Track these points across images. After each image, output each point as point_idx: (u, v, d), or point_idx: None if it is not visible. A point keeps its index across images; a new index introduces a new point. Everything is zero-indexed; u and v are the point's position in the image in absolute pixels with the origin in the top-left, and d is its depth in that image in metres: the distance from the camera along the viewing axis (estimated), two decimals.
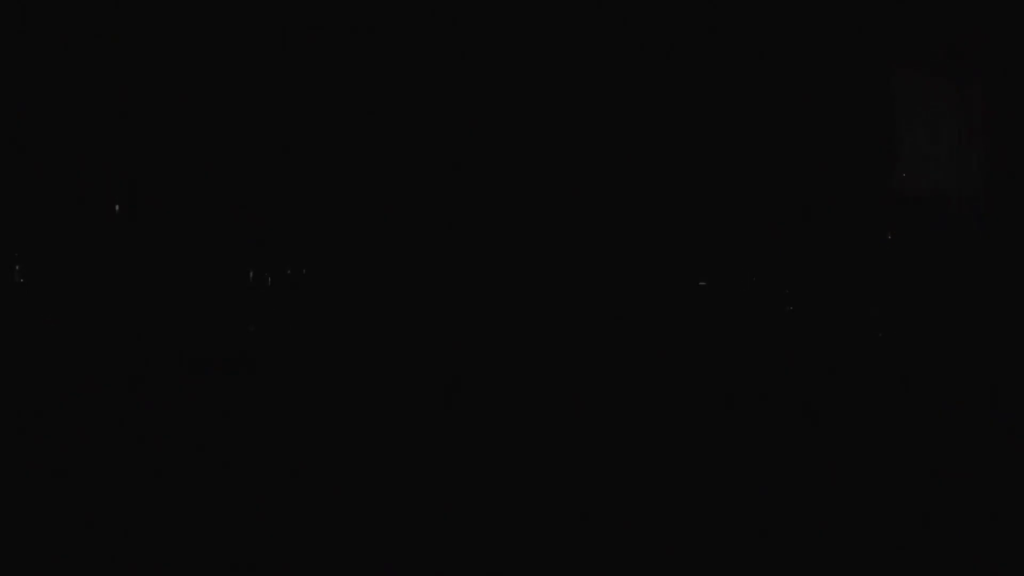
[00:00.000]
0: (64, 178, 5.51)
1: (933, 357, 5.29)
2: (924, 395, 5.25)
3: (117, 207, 5.67)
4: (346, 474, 4.56)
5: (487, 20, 9.06)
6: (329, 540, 3.21)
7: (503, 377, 8.35)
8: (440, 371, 8.61)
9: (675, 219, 8.95)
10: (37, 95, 5.38)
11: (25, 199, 5.17)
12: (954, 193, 5.56)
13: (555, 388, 8.15)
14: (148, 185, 6.13)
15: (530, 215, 10.58)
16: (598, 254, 10.12)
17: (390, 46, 8.83)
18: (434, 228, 10.40)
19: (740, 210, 7.37)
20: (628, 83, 9.21)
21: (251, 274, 7.17)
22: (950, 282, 5.42)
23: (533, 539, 3.29)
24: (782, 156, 6.72)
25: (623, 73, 9.17)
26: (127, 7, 5.95)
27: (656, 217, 9.37)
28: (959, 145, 5.57)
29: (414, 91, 9.39)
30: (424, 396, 7.54)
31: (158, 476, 4.28)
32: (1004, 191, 5.39)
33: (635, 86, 9.14)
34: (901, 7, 5.58)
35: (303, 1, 7.78)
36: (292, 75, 8.03)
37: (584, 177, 10.21)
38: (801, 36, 6.36)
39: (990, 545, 3.08)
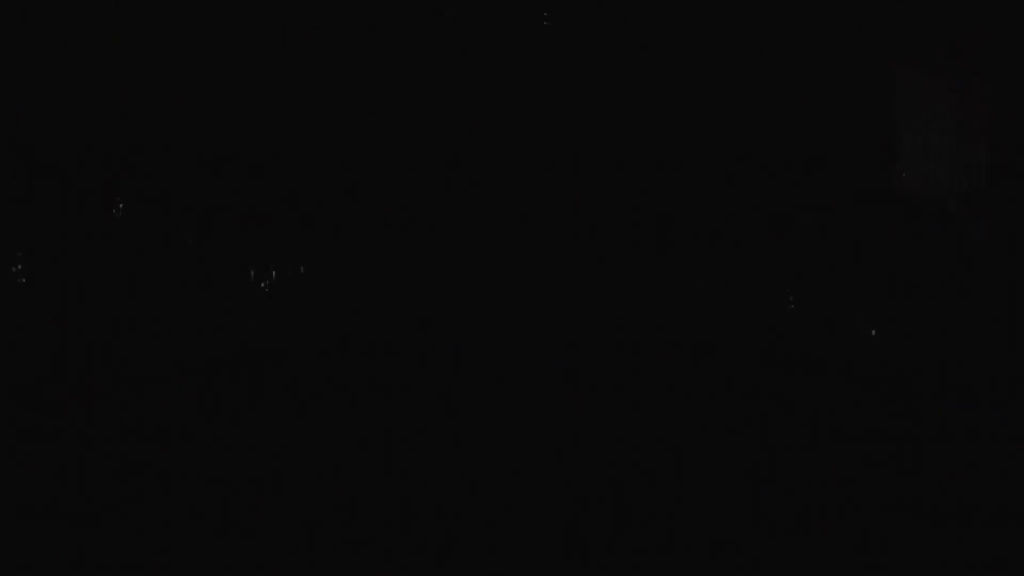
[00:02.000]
0: (66, 179, 5.51)
1: (933, 356, 5.30)
2: (923, 394, 5.25)
3: (121, 206, 5.68)
4: (346, 474, 4.56)
5: (487, 20, 9.10)
6: (330, 540, 3.21)
7: (502, 377, 8.38)
8: (439, 370, 8.61)
9: (675, 219, 8.98)
10: (38, 96, 5.38)
11: (27, 200, 5.18)
12: (954, 193, 5.57)
13: (555, 388, 8.17)
14: (150, 186, 6.13)
15: (529, 215, 10.65)
16: (596, 254, 10.17)
17: (390, 47, 8.85)
18: (432, 228, 10.46)
19: (740, 210, 7.38)
20: (628, 83, 9.25)
21: (252, 273, 7.17)
22: (950, 282, 5.42)
23: (532, 542, 3.29)
24: (782, 156, 6.72)
25: (623, 73, 9.21)
26: (127, 7, 5.95)
27: (655, 217, 9.41)
28: (959, 145, 5.57)
29: (414, 92, 9.43)
30: (423, 395, 7.56)
31: (160, 474, 4.28)
32: (1005, 191, 5.40)
33: (635, 86, 9.18)
34: (901, 7, 5.58)
35: (304, 2, 7.78)
36: (293, 77, 8.05)
37: (583, 178, 10.26)
38: (801, 36, 6.37)
39: (989, 545, 3.08)
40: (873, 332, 5.43)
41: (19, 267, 4.98)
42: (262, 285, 7.43)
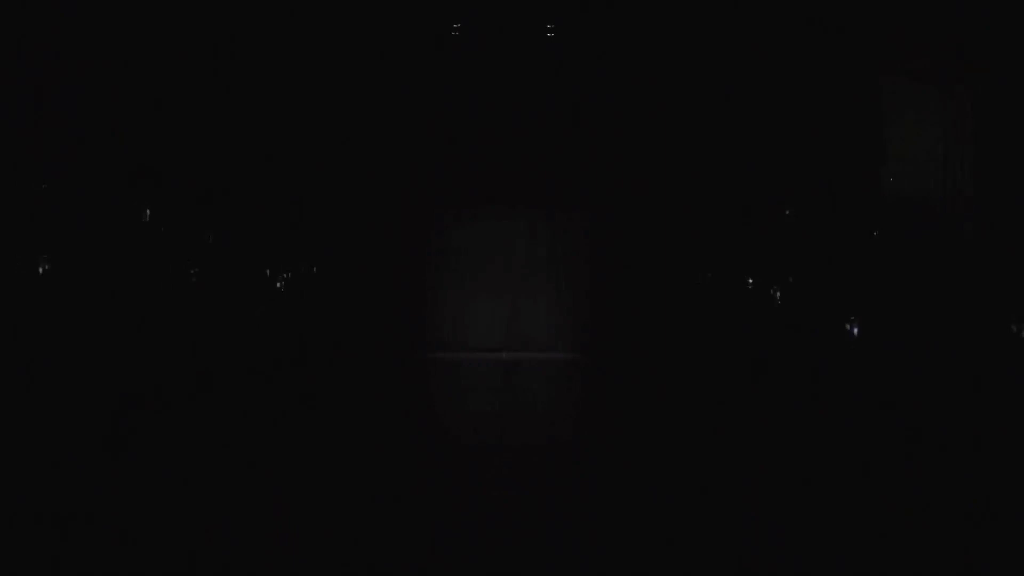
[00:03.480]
0: (88, 180, 5.55)
1: (920, 351, 5.27)
2: (909, 389, 5.25)
3: (148, 212, 5.74)
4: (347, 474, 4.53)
5: (487, 22, 9.17)
6: (333, 539, 3.29)
7: (502, 382, 8.45)
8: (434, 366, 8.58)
9: (670, 219, 9.07)
10: (56, 104, 5.41)
11: (47, 202, 5.21)
12: (940, 194, 5.59)
13: (552, 387, 8.25)
14: (169, 189, 6.24)
15: (529, 214, 10.68)
16: (595, 253, 10.20)
17: (392, 52, 8.90)
18: (430, 227, 10.39)
19: (732, 210, 7.46)
20: (626, 88, 9.34)
21: (268, 272, 7.29)
22: (936, 279, 5.41)
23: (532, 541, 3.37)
24: (776, 158, 6.80)
25: (622, 79, 9.29)
26: (147, 15, 6.02)
27: (653, 217, 9.47)
28: (946, 148, 5.58)
29: (414, 95, 9.46)
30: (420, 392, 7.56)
31: (168, 471, 4.34)
32: (989, 193, 5.39)
33: (633, 91, 9.27)
34: (890, 17, 5.62)
35: (321, 14, 7.90)
36: (299, 80, 8.13)
37: (580, 179, 10.31)
38: (793, 44, 6.44)
39: (983, 543, 3.10)
40: (858, 330, 5.45)
41: (30, 266, 5.05)
42: (278, 285, 7.53)
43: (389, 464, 4.44)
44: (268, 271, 7.56)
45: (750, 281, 7.00)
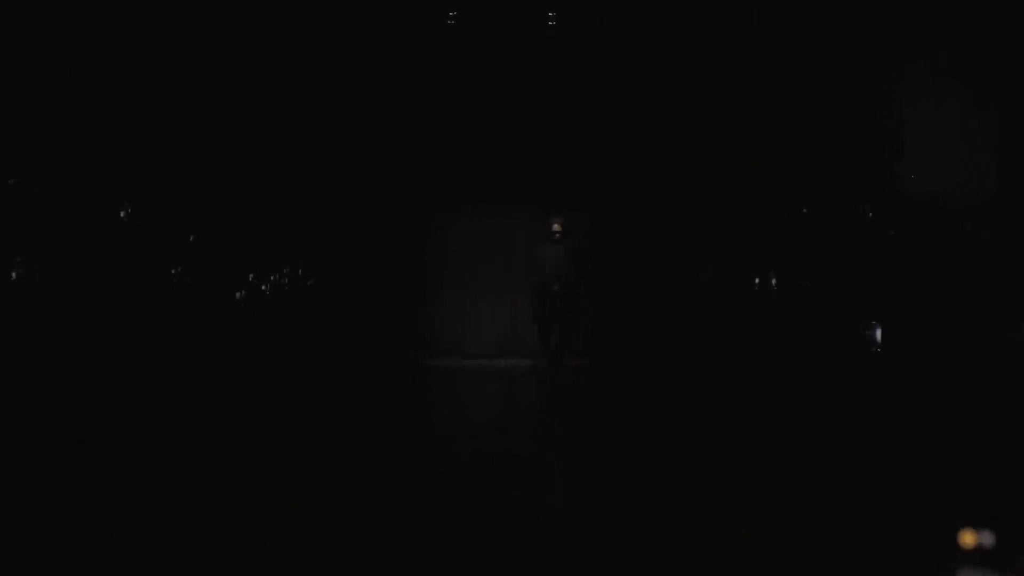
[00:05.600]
0: (72, 183, 5.56)
1: (934, 355, 5.30)
2: (925, 387, 5.27)
3: (124, 212, 5.73)
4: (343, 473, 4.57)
5: (487, 21, 9.08)
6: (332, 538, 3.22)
7: (504, 390, 8.38)
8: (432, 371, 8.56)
9: (686, 216, 8.97)
10: (52, 104, 5.43)
11: (31, 204, 5.23)
12: (960, 193, 5.55)
13: (553, 385, 8.18)
14: (157, 190, 6.18)
15: (529, 215, 10.62)
16: (600, 253, 10.12)
17: (394, 59, 8.86)
18: (430, 227, 10.39)
19: (745, 210, 7.39)
20: (632, 85, 9.23)
21: (250, 276, 7.22)
22: (954, 278, 5.41)
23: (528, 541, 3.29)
24: (789, 156, 6.73)
25: (625, 75, 9.18)
26: (154, 19, 5.99)
27: (658, 218, 9.39)
28: (966, 146, 5.54)
29: (415, 100, 9.43)
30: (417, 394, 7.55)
31: (160, 471, 4.30)
32: (1010, 191, 5.38)
33: (640, 89, 9.16)
34: (910, 13, 5.57)
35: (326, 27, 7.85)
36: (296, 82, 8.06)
37: (589, 178, 10.23)
38: (811, 38, 6.38)
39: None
40: (876, 332, 5.43)
41: (19, 268, 5.03)
42: (263, 288, 7.50)
43: (387, 471, 4.40)
44: (262, 273, 7.59)
45: (761, 281, 6.95)
